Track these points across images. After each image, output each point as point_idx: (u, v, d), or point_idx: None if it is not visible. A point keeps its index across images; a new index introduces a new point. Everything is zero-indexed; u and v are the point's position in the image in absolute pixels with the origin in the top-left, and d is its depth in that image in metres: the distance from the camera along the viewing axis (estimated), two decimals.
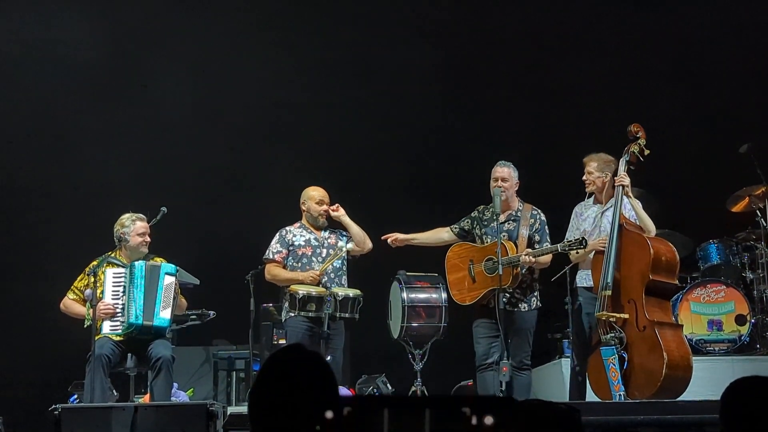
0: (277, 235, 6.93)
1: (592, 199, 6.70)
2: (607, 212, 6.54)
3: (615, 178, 6.46)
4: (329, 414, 1.10)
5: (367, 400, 1.04)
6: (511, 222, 6.66)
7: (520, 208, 6.71)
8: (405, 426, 1.12)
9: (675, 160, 9.36)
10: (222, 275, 8.22)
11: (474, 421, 1.09)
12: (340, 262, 6.85)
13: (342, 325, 6.70)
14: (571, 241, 6.32)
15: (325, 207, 6.88)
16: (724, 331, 7.82)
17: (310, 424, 1.01)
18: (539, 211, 6.72)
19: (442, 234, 6.88)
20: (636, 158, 6.50)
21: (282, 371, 2.31)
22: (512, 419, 1.06)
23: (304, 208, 6.96)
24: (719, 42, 9.35)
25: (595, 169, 6.55)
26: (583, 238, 6.29)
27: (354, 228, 6.85)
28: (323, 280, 6.73)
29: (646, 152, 6.48)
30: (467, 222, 6.79)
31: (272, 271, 6.87)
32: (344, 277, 6.85)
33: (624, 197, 6.42)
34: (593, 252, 6.43)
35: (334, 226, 6.99)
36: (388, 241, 6.90)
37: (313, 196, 6.94)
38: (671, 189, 8.88)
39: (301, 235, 6.91)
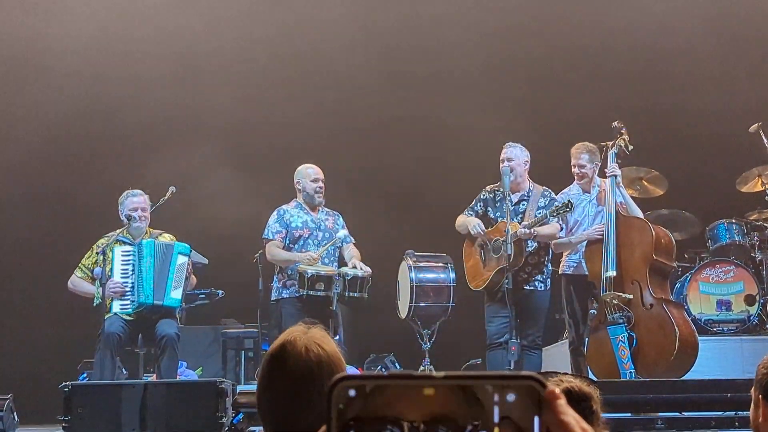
0: (275, 214, 6.88)
1: (576, 188, 6.84)
2: (594, 200, 6.74)
3: (605, 170, 6.67)
4: (352, 393, 1.07)
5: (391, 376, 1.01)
6: (523, 202, 6.65)
7: (531, 189, 6.70)
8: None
9: (685, 140, 9.32)
10: (230, 254, 8.21)
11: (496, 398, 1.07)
12: (333, 247, 6.86)
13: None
14: (558, 206, 6.34)
15: (320, 184, 6.84)
16: (733, 311, 7.78)
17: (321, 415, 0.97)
18: (550, 191, 6.76)
19: (464, 221, 6.73)
20: (623, 152, 6.73)
21: (281, 370, 2.17)
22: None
23: (299, 187, 6.90)
24: (730, 24, 9.29)
25: (587, 161, 6.75)
26: (569, 201, 6.36)
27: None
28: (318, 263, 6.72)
29: (630, 147, 6.74)
30: (480, 205, 6.76)
31: (272, 251, 6.82)
32: (335, 263, 6.84)
33: (616, 187, 6.57)
34: (585, 241, 6.56)
35: (331, 205, 6.97)
36: None
37: (309, 173, 6.89)
38: (681, 169, 8.84)
39: (298, 216, 6.86)
